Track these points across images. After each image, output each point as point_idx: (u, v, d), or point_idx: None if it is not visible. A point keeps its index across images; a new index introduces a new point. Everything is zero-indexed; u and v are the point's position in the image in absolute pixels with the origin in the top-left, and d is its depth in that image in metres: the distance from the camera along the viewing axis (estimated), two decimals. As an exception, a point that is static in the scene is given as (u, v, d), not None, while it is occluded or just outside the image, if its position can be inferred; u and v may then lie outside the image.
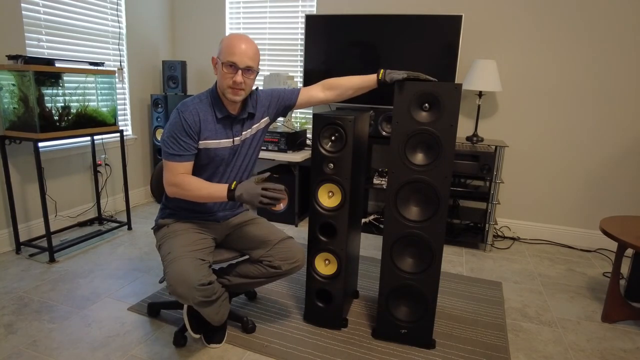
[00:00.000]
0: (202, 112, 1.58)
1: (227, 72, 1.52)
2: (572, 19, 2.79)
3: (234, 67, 1.51)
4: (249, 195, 1.45)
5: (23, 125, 2.35)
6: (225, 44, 1.52)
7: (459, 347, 1.79)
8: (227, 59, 1.50)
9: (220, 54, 1.54)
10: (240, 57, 1.50)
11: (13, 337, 1.75)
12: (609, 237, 1.93)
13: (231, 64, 1.50)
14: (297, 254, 1.72)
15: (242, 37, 1.53)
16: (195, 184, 1.53)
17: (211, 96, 1.62)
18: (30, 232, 2.71)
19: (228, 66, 1.51)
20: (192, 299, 1.44)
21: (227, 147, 1.64)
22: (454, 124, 1.57)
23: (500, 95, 3.04)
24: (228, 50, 1.50)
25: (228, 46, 1.51)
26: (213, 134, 1.60)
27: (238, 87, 1.53)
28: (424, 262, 1.70)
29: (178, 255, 1.51)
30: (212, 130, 1.60)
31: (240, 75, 1.51)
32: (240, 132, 1.67)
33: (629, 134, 2.82)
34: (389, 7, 3.18)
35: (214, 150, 1.61)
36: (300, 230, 3.15)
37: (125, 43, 3.31)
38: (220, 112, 1.60)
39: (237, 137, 1.66)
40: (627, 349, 1.83)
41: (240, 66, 1.51)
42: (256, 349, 1.72)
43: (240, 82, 1.51)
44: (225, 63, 1.51)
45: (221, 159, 1.64)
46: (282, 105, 1.79)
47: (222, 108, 1.61)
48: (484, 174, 2.72)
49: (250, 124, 1.70)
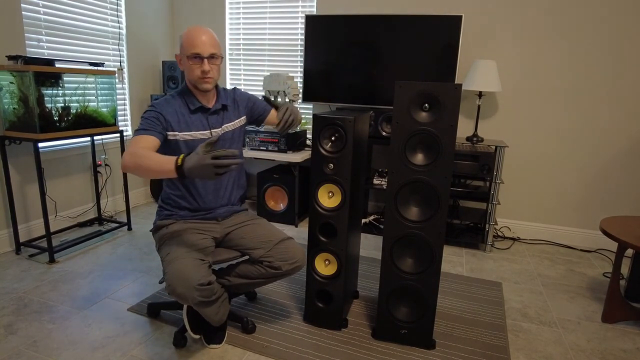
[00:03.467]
0: (174, 106, 1.65)
1: (194, 64, 1.59)
2: (572, 19, 2.79)
3: (198, 57, 1.58)
4: (201, 169, 1.27)
5: (23, 126, 2.35)
6: (185, 39, 1.59)
7: (459, 347, 1.79)
8: (190, 51, 1.57)
9: (182, 49, 1.61)
10: (203, 47, 1.57)
11: (13, 338, 1.75)
12: (609, 238, 1.93)
13: (195, 55, 1.57)
14: (297, 254, 1.71)
15: (199, 28, 1.60)
16: (148, 153, 1.41)
17: (182, 92, 1.69)
18: (30, 233, 2.71)
19: (193, 58, 1.58)
20: (192, 299, 1.44)
21: (205, 138, 1.67)
22: (454, 124, 1.56)
23: (500, 96, 3.04)
24: (189, 44, 1.57)
25: (188, 40, 1.57)
26: (187, 127, 1.65)
27: (207, 76, 1.61)
28: (424, 263, 1.70)
29: (177, 255, 1.51)
30: (186, 122, 1.65)
31: (207, 64, 1.59)
32: (221, 124, 1.73)
33: (629, 133, 2.81)
34: (389, 7, 3.18)
35: (191, 142, 1.65)
36: (300, 230, 3.15)
37: (125, 43, 3.31)
38: (193, 104, 1.67)
39: (216, 128, 1.72)
40: (627, 349, 1.83)
41: (205, 55, 1.58)
42: (256, 350, 1.72)
43: (208, 70, 1.59)
44: (190, 56, 1.58)
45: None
46: (255, 111, 1.86)
47: (194, 101, 1.67)
48: (484, 174, 2.72)
49: (229, 118, 1.76)
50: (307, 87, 3.27)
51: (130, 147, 1.47)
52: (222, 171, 1.28)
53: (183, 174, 1.31)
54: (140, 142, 1.50)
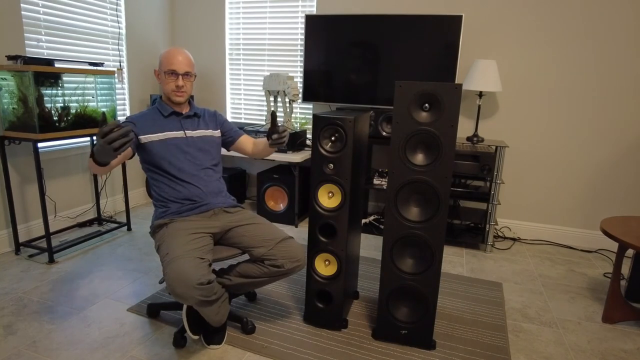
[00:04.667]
0: (147, 115, 1.81)
1: (169, 79, 1.77)
2: (573, 19, 2.79)
3: (174, 74, 1.76)
4: (100, 150, 1.35)
5: (22, 126, 2.35)
6: (164, 57, 1.77)
7: (460, 347, 1.78)
8: (168, 67, 1.75)
9: (161, 66, 1.79)
10: (179, 65, 1.76)
11: (12, 338, 1.75)
12: (610, 238, 1.93)
13: (172, 71, 1.76)
14: (298, 253, 1.72)
15: (177, 49, 1.80)
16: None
17: (156, 104, 1.86)
18: (29, 233, 2.70)
19: (169, 74, 1.76)
20: (192, 298, 1.45)
21: (179, 137, 1.81)
22: (454, 124, 1.56)
23: (501, 96, 3.04)
24: (167, 61, 1.76)
25: (167, 58, 1.76)
26: (160, 128, 1.78)
27: (180, 90, 1.78)
28: (424, 263, 1.69)
29: (177, 255, 1.51)
30: (159, 125, 1.79)
31: (181, 80, 1.77)
32: (196, 128, 1.86)
33: (629, 133, 2.81)
34: (389, 7, 3.17)
35: (165, 141, 1.77)
36: (300, 230, 3.14)
37: (125, 43, 3.31)
38: (166, 110, 1.82)
39: (190, 130, 1.84)
40: (627, 349, 1.83)
41: (180, 72, 1.76)
42: (256, 350, 1.72)
43: (181, 85, 1.77)
44: (167, 71, 1.76)
45: (175, 146, 1.78)
46: (226, 133, 1.99)
47: (167, 108, 1.83)
48: (484, 175, 2.72)
49: (204, 125, 1.90)
50: (307, 87, 3.27)
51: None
52: (116, 145, 1.32)
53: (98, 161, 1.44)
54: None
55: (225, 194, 1.90)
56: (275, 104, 3.37)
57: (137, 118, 1.78)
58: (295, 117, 3.59)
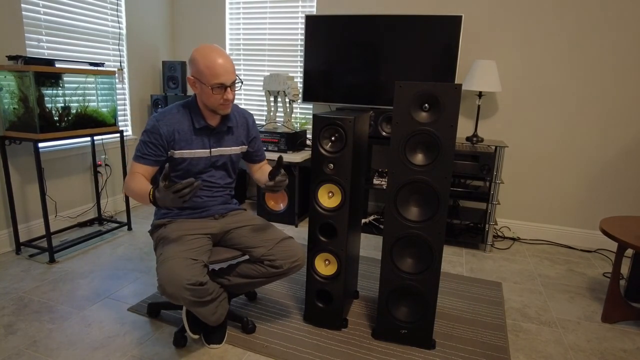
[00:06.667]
0: (178, 123, 1.63)
1: (217, 94, 1.56)
2: (572, 19, 2.79)
3: (222, 87, 1.55)
4: (169, 202, 1.38)
5: (23, 126, 2.35)
6: (205, 67, 1.52)
7: (459, 347, 1.79)
8: (213, 81, 1.53)
9: (201, 77, 1.54)
10: (227, 76, 1.54)
11: (13, 338, 1.75)
12: (609, 238, 1.93)
13: (220, 85, 1.54)
14: (298, 253, 1.72)
15: (217, 51, 1.54)
16: (136, 185, 1.52)
17: (190, 107, 1.66)
18: (30, 233, 2.71)
19: (217, 87, 1.54)
20: (182, 299, 1.45)
21: (203, 157, 1.70)
22: (454, 124, 1.57)
23: (500, 96, 3.04)
24: (212, 73, 1.52)
25: (210, 68, 1.51)
26: (187, 144, 1.65)
27: (228, 101, 1.60)
28: (424, 263, 1.70)
29: (169, 255, 1.51)
30: (188, 140, 1.65)
31: (230, 92, 1.58)
32: (222, 143, 1.73)
33: (629, 134, 2.82)
34: (388, 7, 3.18)
35: (189, 159, 1.67)
36: (300, 230, 3.15)
37: (125, 43, 3.31)
38: (199, 123, 1.65)
39: (215, 148, 1.72)
40: (627, 349, 1.83)
41: (228, 84, 1.56)
42: (256, 350, 1.72)
43: (231, 98, 1.59)
44: (214, 85, 1.54)
45: (197, 164, 1.69)
46: (252, 151, 1.85)
47: (200, 120, 1.66)
48: (483, 174, 2.72)
49: (232, 141, 1.75)
50: (307, 87, 3.28)
51: (128, 174, 1.59)
52: (187, 198, 1.36)
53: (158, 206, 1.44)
54: (136, 168, 1.61)
55: (230, 201, 1.88)
56: (275, 104, 3.37)
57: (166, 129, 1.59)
58: (295, 117, 3.59)
